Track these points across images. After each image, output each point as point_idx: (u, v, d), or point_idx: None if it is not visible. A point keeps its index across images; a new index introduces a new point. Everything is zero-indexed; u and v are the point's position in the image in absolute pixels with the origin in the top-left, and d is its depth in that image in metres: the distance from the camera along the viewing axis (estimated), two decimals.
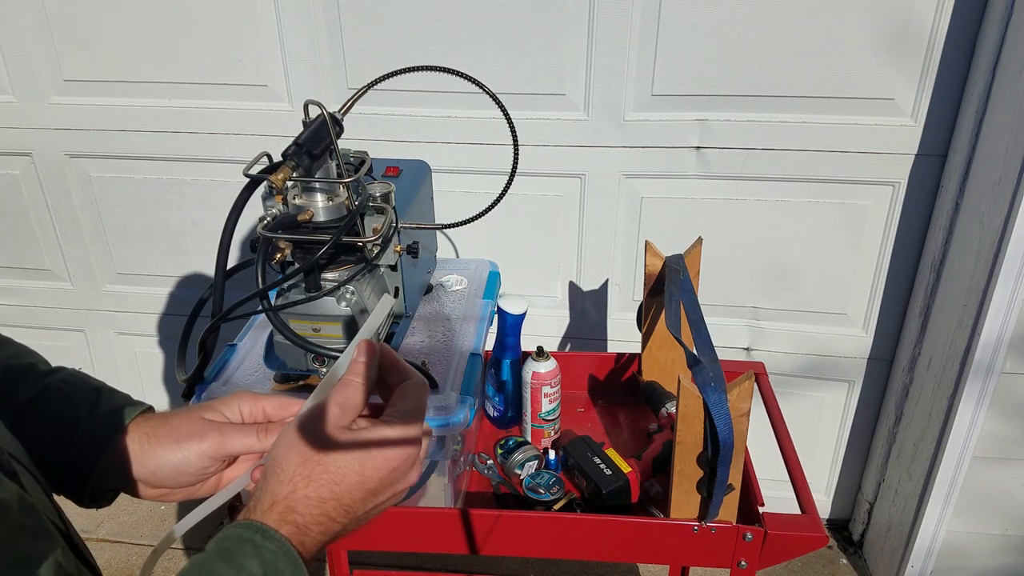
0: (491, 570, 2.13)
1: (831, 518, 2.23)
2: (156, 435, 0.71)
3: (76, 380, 0.76)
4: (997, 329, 1.60)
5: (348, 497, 0.62)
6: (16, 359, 0.75)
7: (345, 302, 1.08)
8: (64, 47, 1.87)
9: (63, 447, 0.71)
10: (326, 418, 0.64)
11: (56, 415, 0.72)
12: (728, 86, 1.69)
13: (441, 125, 1.82)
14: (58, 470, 0.70)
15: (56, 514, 0.58)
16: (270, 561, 0.57)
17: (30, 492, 0.54)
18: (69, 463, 0.71)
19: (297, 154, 0.97)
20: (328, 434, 0.63)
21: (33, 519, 0.51)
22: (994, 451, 1.75)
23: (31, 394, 0.72)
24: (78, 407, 0.73)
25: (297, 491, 0.61)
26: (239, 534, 0.58)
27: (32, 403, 0.72)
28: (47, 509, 0.56)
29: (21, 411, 0.71)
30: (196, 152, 1.94)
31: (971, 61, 1.60)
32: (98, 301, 2.21)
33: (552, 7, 1.66)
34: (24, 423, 0.69)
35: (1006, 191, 1.51)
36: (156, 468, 0.71)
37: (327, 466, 0.62)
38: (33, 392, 0.73)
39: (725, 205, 1.83)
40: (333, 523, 0.62)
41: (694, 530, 1.10)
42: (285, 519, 0.60)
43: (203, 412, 0.73)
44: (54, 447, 0.71)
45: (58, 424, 0.72)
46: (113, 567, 2.16)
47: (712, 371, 1.00)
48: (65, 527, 0.58)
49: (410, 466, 0.66)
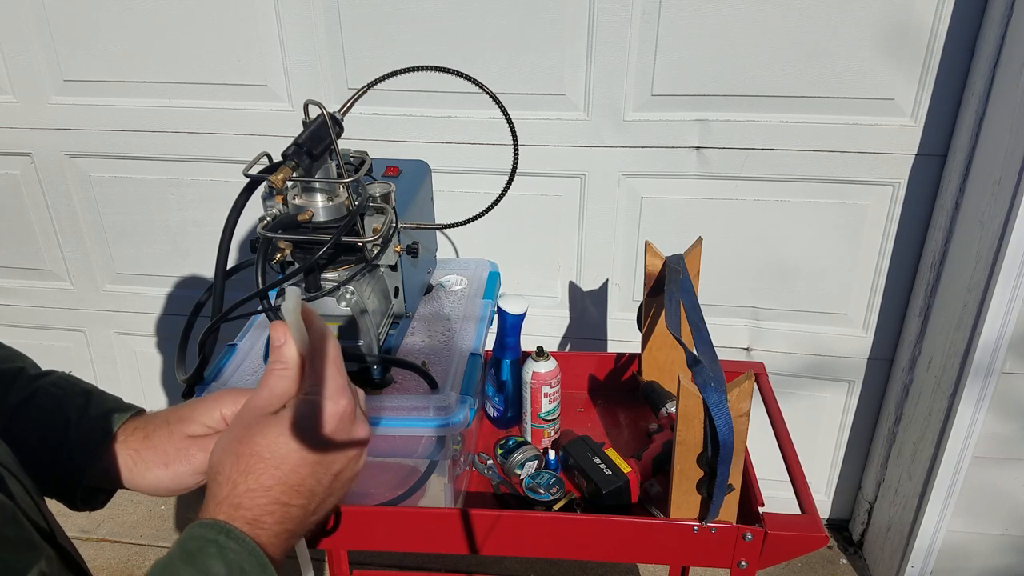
0: (491, 570, 2.13)
1: (831, 518, 2.23)
2: (142, 458, 0.71)
3: (66, 384, 0.75)
4: (997, 329, 1.60)
5: (295, 476, 0.60)
6: (6, 363, 0.75)
7: (345, 302, 1.08)
8: (64, 47, 1.87)
9: (53, 451, 0.71)
10: (252, 410, 0.63)
11: (46, 419, 0.72)
12: (728, 86, 1.69)
13: (441, 125, 1.82)
14: (49, 474, 0.70)
15: (44, 520, 0.58)
16: (234, 562, 0.56)
17: (17, 498, 0.54)
18: (60, 467, 0.71)
19: (297, 154, 0.97)
20: (256, 425, 0.61)
21: (15, 529, 0.50)
22: (994, 451, 1.75)
23: (21, 398, 0.72)
24: (68, 410, 0.72)
25: (237, 487, 0.59)
26: (203, 535, 0.57)
27: (21, 407, 0.72)
28: (35, 515, 0.56)
29: (11, 415, 0.71)
30: (196, 152, 1.94)
31: (971, 61, 1.60)
32: (98, 301, 2.21)
33: (552, 7, 1.66)
34: (14, 427, 0.69)
35: (1006, 191, 1.51)
36: (152, 485, 0.71)
37: (261, 454, 0.60)
38: (23, 396, 0.72)
39: (725, 205, 1.83)
40: (288, 507, 0.60)
41: (694, 530, 1.10)
42: (233, 517, 0.58)
43: (185, 428, 0.71)
44: (44, 451, 0.70)
45: (48, 428, 0.71)
46: (113, 567, 2.16)
47: (712, 371, 1.00)
48: (52, 533, 0.58)
49: (351, 421, 0.63)
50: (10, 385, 0.73)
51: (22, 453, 0.60)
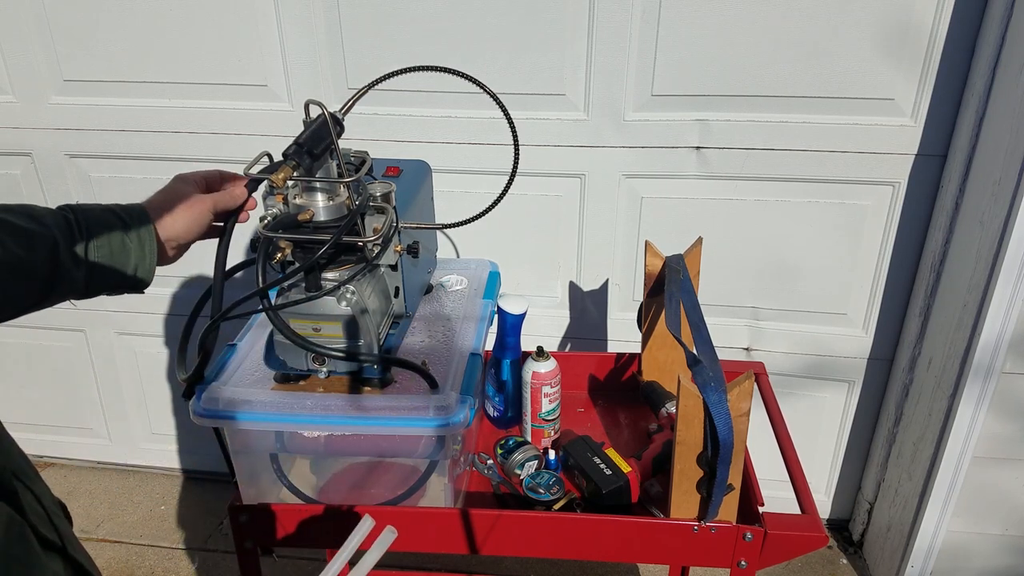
0: (491, 570, 2.13)
1: (831, 518, 2.23)
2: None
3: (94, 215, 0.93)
4: (997, 329, 1.60)
5: None
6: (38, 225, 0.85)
7: (345, 302, 1.08)
8: (64, 47, 1.87)
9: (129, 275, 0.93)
10: None
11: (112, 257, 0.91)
12: (728, 86, 1.69)
13: (441, 125, 1.82)
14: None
15: (56, 532, 0.58)
16: None
17: (28, 512, 0.54)
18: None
19: (298, 153, 0.98)
20: None
21: (20, 547, 0.51)
22: (994, 451, 1.75)
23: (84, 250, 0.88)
24: (119, 234, 0.92)
25: None
26: None
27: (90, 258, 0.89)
28: (46, 528, 0.56)
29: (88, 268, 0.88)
30: (196, 152, 1.94)
31: (971, 61, 1.60)
32: (98, 301, 2.20)
33: (552, 7, 1.66)
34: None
35: (1006, 191, 1.51)
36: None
37: None
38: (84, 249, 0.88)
39: (725, 205, 1.83)
40: None
41: (694, 530, 1.10)
42: None
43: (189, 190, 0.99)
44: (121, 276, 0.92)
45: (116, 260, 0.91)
46: (113, 567, 2.16)
47: (712, 371, 1.00)
48: (62, 543, 0.58)
49: None
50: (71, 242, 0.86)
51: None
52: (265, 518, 1.17)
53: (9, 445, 0.58)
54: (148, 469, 2.49)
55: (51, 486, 0.73)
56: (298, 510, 1.16)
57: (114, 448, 2.46)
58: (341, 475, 1.24)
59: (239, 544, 1.20)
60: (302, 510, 1.16)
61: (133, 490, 2.43)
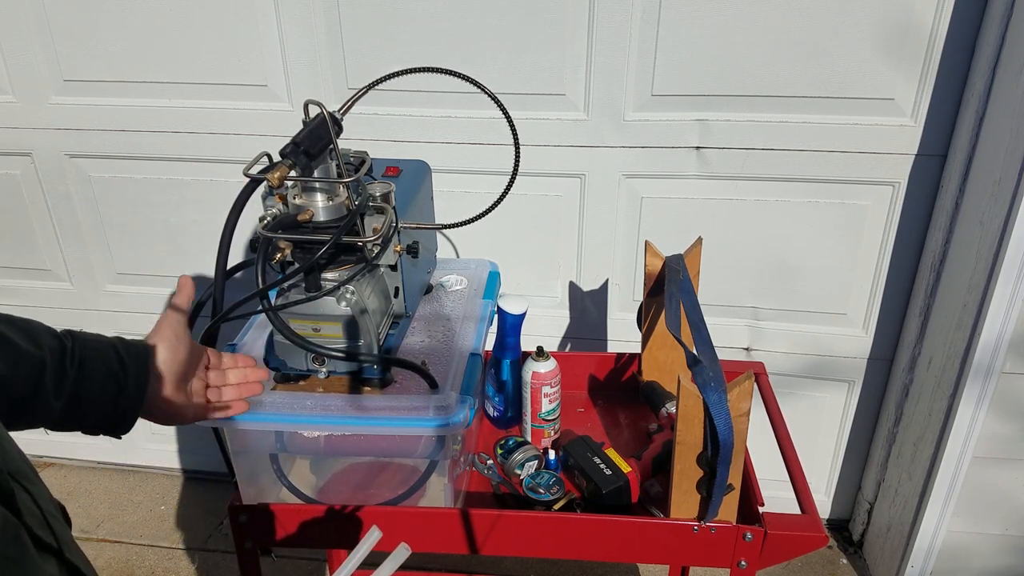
0: (491, 570, 2.13)
1: (831, 518, 2.23)
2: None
3: (94, 344, 0.91)
4: (997, 329, 1.60)
5: None
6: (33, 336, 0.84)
7: (345, 302, 1.08)
8: (64, 47, 1.87)
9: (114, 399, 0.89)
10: None
11: (102, 378, 0.89)
12: (728, 86, 1.69)
13: (441, 125, 1.82)
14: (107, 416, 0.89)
15: (52, 534, 0.58)
16: None
17: (24, 514, 0.54)
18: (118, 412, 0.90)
19: (294, 153, 0.97)
20: None
21: (15, 549, 0.51)
22: (994, 451, 1.75)
23: (76, 366, 0.86)
24: (112, 368, 0.90)
25: None
26: None
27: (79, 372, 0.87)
28: (42, 530, 0.56)
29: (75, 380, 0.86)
30: (196, 152, 1.94)
31: (971, 61, 1.60)
32: (98, 301, 2.22)
33: (552, 7, 1.66)
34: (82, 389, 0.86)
35: (1006, 191, 1.51)
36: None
37: None
38: (76, 366, 0.87)
39: (725, 205, 1.83)
40: None
41: (694, 530, 1.10)
42: None
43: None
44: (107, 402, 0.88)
45: (106, 383, 0.89)
46: (113, 567, 2.16)
47: (712, 371, 1.00)
48: (58, 545, 0.58)
49: None
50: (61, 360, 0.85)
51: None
52: (265, 518, 1.17)
53: (8, 445, 0.58)
54: (148, 469, 2.49)
55: (51, 486, 0.73)
56: (298, 510, 1.16)
57: (114, 448, 2.46)
58: (341, 475, 1.24)
59: (239, 544, 1.20)
60: (302, 510, 1.16)
61: (133, 490, 2.43)
